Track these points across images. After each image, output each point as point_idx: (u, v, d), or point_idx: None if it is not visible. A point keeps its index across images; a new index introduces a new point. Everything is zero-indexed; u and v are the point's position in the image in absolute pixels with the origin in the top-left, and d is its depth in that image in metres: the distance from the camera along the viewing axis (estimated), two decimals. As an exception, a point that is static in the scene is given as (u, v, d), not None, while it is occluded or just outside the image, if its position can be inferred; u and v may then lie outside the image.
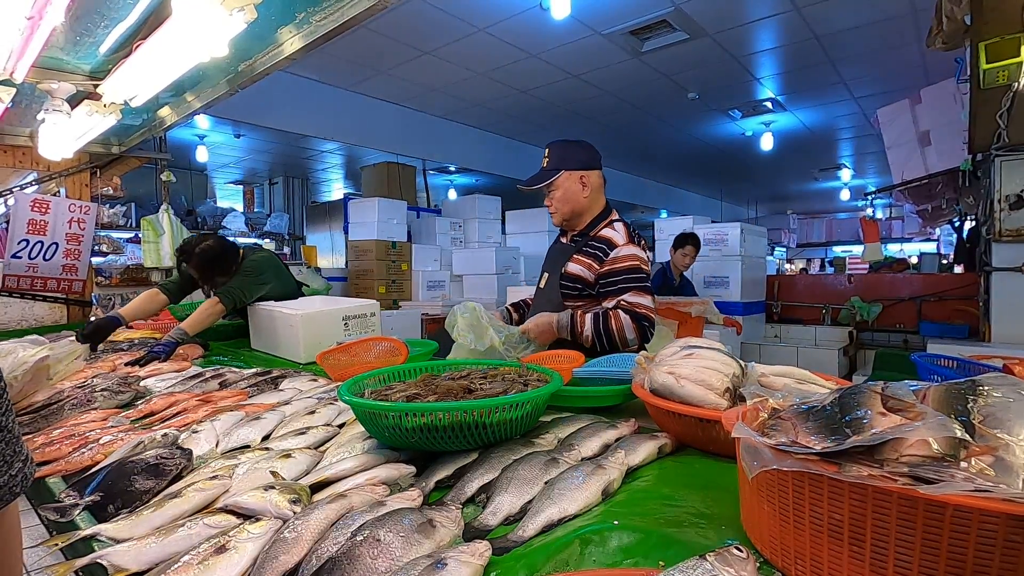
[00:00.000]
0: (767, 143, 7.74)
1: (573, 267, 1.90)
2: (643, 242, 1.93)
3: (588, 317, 1.80)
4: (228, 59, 2.29)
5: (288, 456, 1.00)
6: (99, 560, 0.73)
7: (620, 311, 1.78)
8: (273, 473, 0.92)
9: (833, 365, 4.78)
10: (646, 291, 1.83)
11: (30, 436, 1.25)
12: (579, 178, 1.91)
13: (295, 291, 2.79)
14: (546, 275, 2.04)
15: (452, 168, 9.00)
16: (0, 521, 0.50)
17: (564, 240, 2.07)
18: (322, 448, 1.10)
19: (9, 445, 0.49)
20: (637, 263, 1.83)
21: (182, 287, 2.85)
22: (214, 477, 0.92)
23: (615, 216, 1.97)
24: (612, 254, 1.85)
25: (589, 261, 1.88)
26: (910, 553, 0.51)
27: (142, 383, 1.73)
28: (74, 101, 2.68)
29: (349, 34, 2.01)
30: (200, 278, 2.63)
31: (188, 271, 2.65)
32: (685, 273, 4.84)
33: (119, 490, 0.91)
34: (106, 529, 0.80)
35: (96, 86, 2.43)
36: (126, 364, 1.98)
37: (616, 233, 1.89)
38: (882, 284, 5.12)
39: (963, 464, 0.52)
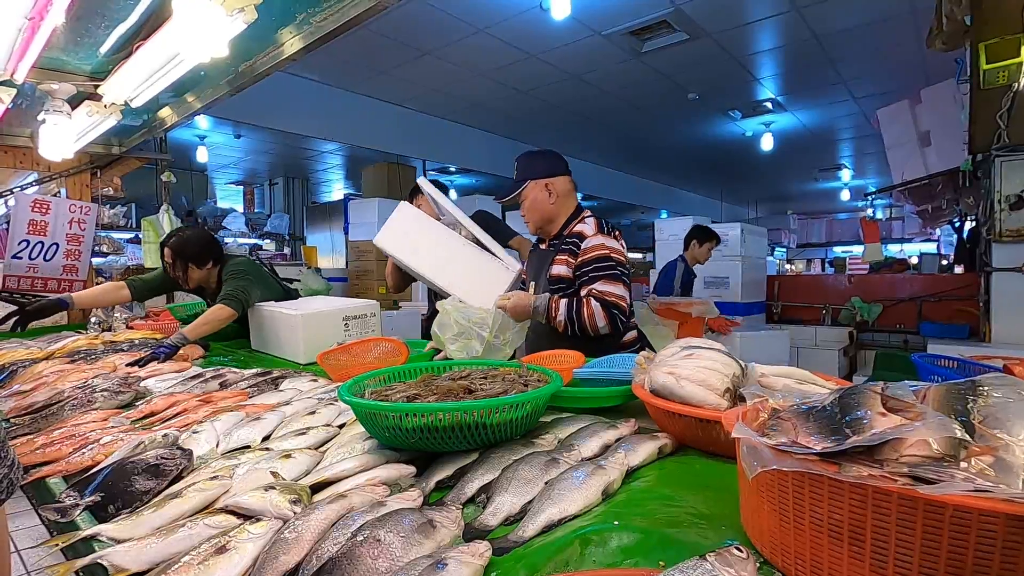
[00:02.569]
0: (767, 143, 7.75)
1: (556, 268, 1.97)
2: (616, 232, 1.97)
3: (562, 302, 1.86)
4: (228, 60, 2.29)
5: (288, 456, 1.00)
6: (100, 560, 0.73)
7: (592, 299, 1.83)
8: (273, 473, 0.92)
9: (833, 365, 4.79)
10: (616, 279, 1.87)
11: (31, 436, 1.25)
12: (544, 186, 2.00)
13: (281, 294, 2.74)
14: (532, 284, 2.07)
15: (452, 169, 9.00)
16: None
17: (543, 247, 2.14)
18: (322, 448, 1.10)
19: None
20: (606, 251, 1.88)
21: (152, 287, 2.81)
22: (214, 477, 0.92)
23: (586, 213, 2.04)
24: (583, 245, 1.92)
25: (566, 258, 1.95)
26: (910, 553, 0.51)
27: (142, 383, 1.73)
28: (75, 102, 2.68)
29: (349, 35, 2.01)
30: (172, 265, 2.57)
31: (165, 261, 2.60)
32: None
33: (119, 490, 0.91)
34: (106, 529, 0.80)
35: (97, 87, 2.43)
36: (127, 364, 1.99)
37: (586, 226, 1.96)
38: (882, 284, 5.12)
39: (963, 464, 0.52)
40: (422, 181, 2.39)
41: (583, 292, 1.88)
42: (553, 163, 2.05)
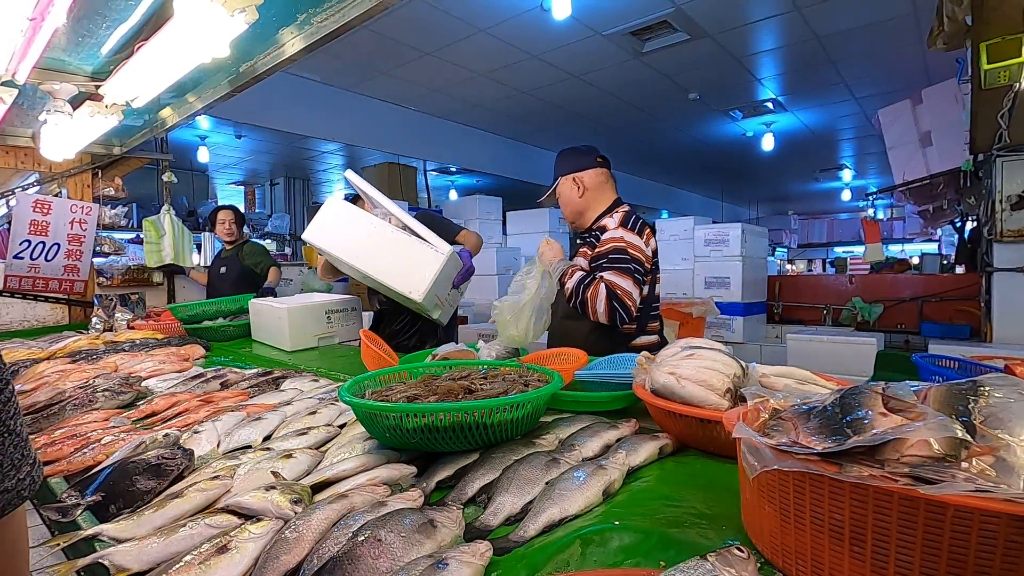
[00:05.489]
0: (768, 143, 7.73)
1: (576, 260, 1.99)
2: (647, 230, 1.95)
3: (578, 274, 1.88)
4: (229, 60, 2.29)
5: (289, 456, 1.00)
6: (101, 560, 0.73)
7: (601, 284, 1.81)
8: (274, 473, 0.92)
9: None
10: (627, 273, 1.83)
11: (32, 436, 1.25)
12: (572, 180, 2.03)
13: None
14: None
15: (453, 169, 9.00)
16: (8, 525, 0.49)
17: (578, 242, 2.17)
18: (323, 448, 1.10)
19: (17, 448, 0.49)
20: (622, 244, 1.86)
21: None
22: (215, 477, 0.92)
23: (619, 207, 2.01)
24: (603, 237, 1.92)
25: (587, 250, 1.97)
26: (911, 553, 0.51)
27: (143, 383, 1.73)
28: (76, 102, 2.68)
29: (350, 35, 2.01)
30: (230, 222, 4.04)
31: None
32: None
33: (121, 490, 0.91)
34: (108, 529, 0.80)
35: (98, 87, 2.43)
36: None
37: (611, 220, 1.95)
38: (883, 284, 5.11)
39: (964, 464, 0.52)
40: (350, 173, 2.48)
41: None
42: (580, 157, 2.04)
